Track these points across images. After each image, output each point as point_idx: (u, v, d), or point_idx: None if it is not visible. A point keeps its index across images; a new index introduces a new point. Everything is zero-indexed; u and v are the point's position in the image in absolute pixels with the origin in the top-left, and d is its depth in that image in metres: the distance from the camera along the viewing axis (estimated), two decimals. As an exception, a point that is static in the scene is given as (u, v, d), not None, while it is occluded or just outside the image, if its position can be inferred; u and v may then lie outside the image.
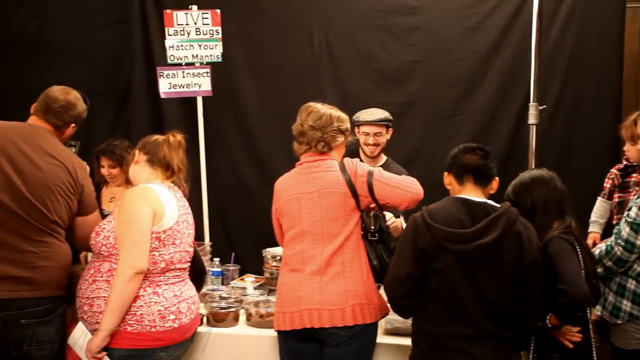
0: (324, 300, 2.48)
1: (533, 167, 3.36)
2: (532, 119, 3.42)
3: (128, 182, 3.59)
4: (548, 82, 3.97)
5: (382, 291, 2.63)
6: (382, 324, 2.80)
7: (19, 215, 2.45)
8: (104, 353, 2.39)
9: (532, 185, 2.50)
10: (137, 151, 2.70)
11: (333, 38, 4.25)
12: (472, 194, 2.33)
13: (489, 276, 2.21)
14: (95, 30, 4.48)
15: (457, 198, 2.32)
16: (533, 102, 3.42)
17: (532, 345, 2.40)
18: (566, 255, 2.31)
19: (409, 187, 2.56)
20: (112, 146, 3.71)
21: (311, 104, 2.69)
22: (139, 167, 2.67)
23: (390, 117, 3.54)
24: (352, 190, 2.54)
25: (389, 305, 2.56)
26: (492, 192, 2.39)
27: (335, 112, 2.66)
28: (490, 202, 2.32)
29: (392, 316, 2.69)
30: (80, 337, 2.44)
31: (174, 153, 2.66)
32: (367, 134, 3.50)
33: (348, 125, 2.69)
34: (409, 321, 2.52)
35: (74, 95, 2.73)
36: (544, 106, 3.49)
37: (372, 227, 2.59)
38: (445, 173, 2.43)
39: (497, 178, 2.38)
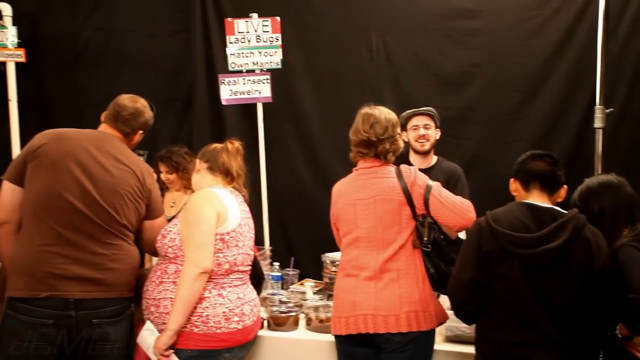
0: (379, 306, 2.48)
1: (599, 172, 3.27)
2: (598, 122, 3.33)
3: (186, 188, 3.69)
4: (615, 85, 3.84)
5: (441, 299, 2.61)
6: (442, 331, 2.77)
7: (92, 219, 2.54)
8: (171, 351, 2.46)
9: (600, 191, 2.42)
10: (197, 160, 2.79)
11: (392, 43, 4.25)
12: (539, 200, 2.28)
13: (554, 283, 2.15)
14: (159, 39, 4.61)
15: (523, 203, 2.28)
16: (599, 105, 3.32)
17: (601, 356, 2.33)
18: (637, 263, 2.22)
19: (463, 213, 2.52)
20: (169, 152, 3.80)
21: (369, 111, 2.66)
22: (201, 175, 2.75)
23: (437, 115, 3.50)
24: (408, 198, 2.53)
25: (448, 312, 2.54)
26: (559, 200, 2.33)
27: (389, 115, 2.65)
28: (557, 208, 2.26)
29: (454, 323, 2.66)
30: (148, 336, 2.51)
31: (232, 159, 2.74)
32: (417, 126, 3.46)
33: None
34: (471, 328, 2.49)
35: (142, 103, 2.82)
36: (611, 109, 3.38)
37: (426, 238, 2.56)
38: (512, 179, 2.38)
39: (565, 186, 2.32)
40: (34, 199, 2.52)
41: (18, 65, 4.42)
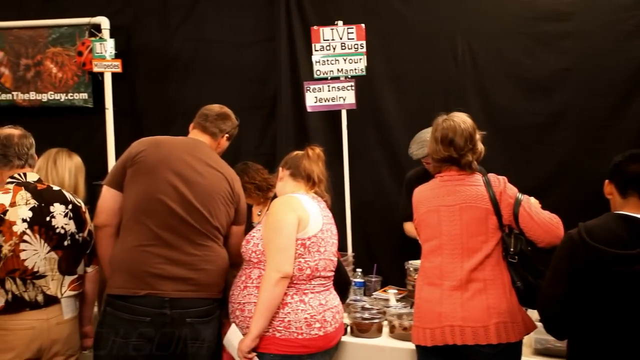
0: (467, 317, 2.42)
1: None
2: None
3: (267, 199, 3.72)
4: None
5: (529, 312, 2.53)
6: (531, 343, 2.68)
7: (187, 221, 2.64)
8: (254, 354, 2.50)
9: None
10: (280, 168, 2.84)
11: (477, 47, 4.16)
12: (636, 210, 2.14)
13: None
14: (245, 48, 4.71)
15: (619, 215, 2.14)
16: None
17: None
18: None
19: (552, 230, 2.45)
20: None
21: (445, 125, 2.60)
22: (284, 183, 2.80)
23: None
24: (496, 207, 2.48)
25: (538, 324, 2.45)
26: None
27: (464, 124, 2.58)
28: None
29: (543, 336, 2.57)
30: (234, 338, 2.57)
31: (314, 165, 2.78)
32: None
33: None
34: (562, 342, 2.40)
35: (228, 110, 2.97)
36: None
37: (512, 249, 2.49)
38: (607, 181, 2.24)
39: None
40: (133, 203, 2.65)
41: (114, 75, 4.64)
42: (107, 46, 4.51)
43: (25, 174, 2.75)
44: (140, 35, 4.90)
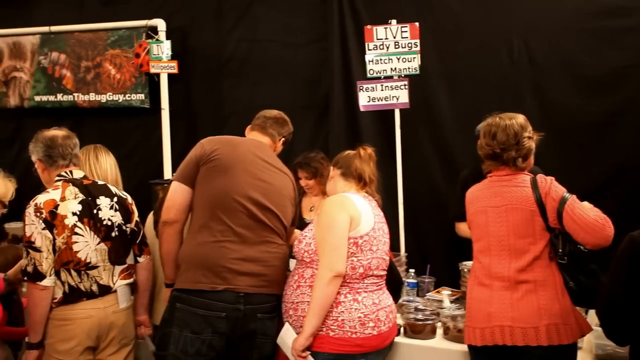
0: (516, 317, 2.40)
1: None
2: None
3: (324, 193, 3.77)
4: None
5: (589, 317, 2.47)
6: (591, 349, 2.62)
7: (262, 220, 2.71)
8: (308, 353, 2.52)
9: None
10: (331, 168, 2.87)
11: (534, 45, 4.07)
12: None
13: None
14: (297, 49, 4.73)
15: None
16: None
17: None
18: None
19: (596, 232, 2.36)
20: (307, 159, 3.90)
21: (490, 122, 2.61)
22: (334, 182, 2.83)
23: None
24: (541, 209, 2.44)
25: (595, 327, 2.39)
26: None
27: (509, 121, 2.56)
28: None
29: (604, 341, 2.50)
30: (288, 337, 2.60)
31: (365, 165, 2.78)
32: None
33: (530, 128, 2.59)
34: (624, 348, 2.33)
35: (285, 116, 3.05)
36: None
37: (560, 250, 2.44)
38: None
39: None
40: (209, 200, 2.70)
41: (169, 76, 4.75)
42: (163, 48, 4.61)
43: (71, 172, 2.86)
44: (195, 36, 4.98)
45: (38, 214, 2.69)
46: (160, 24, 4.79)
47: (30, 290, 2.71)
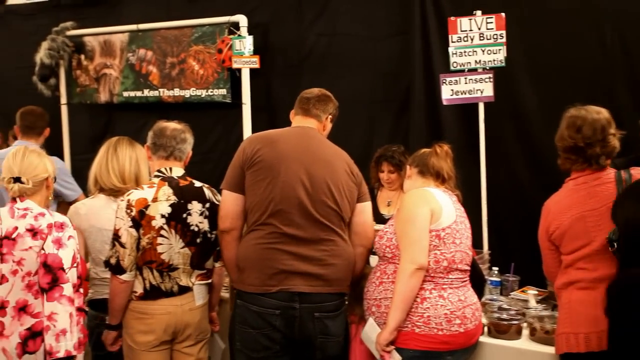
0: None
1: None
2: None
3: (402, 187, 3.73)
4: None
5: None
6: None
7: (314, 217, 2.68)
8: (392, 347, 2.50)
9: None
10: (408, 167, 2.85)
11: (630, 34, 3.86)
12: None
13: None
14: (377, 42, 4.68)
15: None
16: None
17: None
18: None
19: None
20: (391, 151, 3.86)
21: (575, 113, 2.51)
22: (412, 180, 2.81)
23: None
24: None
25: None
26: None
27: (597, 115, 2.44)
28: None
29: None
30: (371, 332, 2.58)
31: (442, 162, 2.76)
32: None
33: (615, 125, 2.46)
34: None
35: (327, 92, 2.98)
36: None
37: None
38: None
39: None
40: (259, 203, 2.69)
41: (250, 71, 4.81)
42: (245, 43, 4.67)
43: (171, 169, 2.90)
44: (276, 31, 5.02)
45: (128, 210, 2.75)
46: (242, 19, 4.86)
47: (112, 280, 2.80)
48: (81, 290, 2.68)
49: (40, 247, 2.55)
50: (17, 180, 2.62)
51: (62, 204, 4.12)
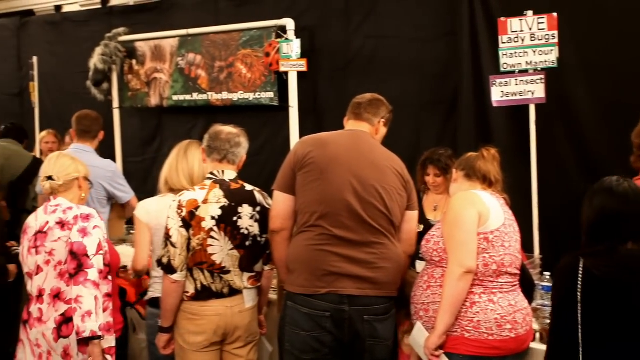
0: None
1: None
2: None
3: (448, 191, 3.69)
4: None
5: None
6: None
7: (363, 218, 2.67)
8: (441, 351, 2.48)
9: None
10: (454, 170, 2.82)
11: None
12: None
13: None
14: (424, 43, 4.65)
15: None
16: None
17: None
18: None
19: None
20: (438, 155, 3.82)
21: None
22: (458, 184, 2.77)
23: None
24: None
25: None
26: None
27: None
28: None
29: None
30: (419, 336, 2.57)
31: (489, 165, 2.72)
32: None
33: None
34: None
35: (379, 96, 3.00)
36: None
37: None
38: None
39: None
40: (309, 204, 2.71)
41: (297, 74, 4.84)
42: (293, 46, 4.71)
43: (223, 171, 2.93)
44: (323, 34, 5.04)
45: (179, 211, 2.80)
46: (289, 23, 4.89)
47: (164, 280, 2.85)
48: (109, 277, 2.90)
49: (68, 237, 2.78)
50: (49, 178, 2.91)
51: (115, 205, 4.22)
